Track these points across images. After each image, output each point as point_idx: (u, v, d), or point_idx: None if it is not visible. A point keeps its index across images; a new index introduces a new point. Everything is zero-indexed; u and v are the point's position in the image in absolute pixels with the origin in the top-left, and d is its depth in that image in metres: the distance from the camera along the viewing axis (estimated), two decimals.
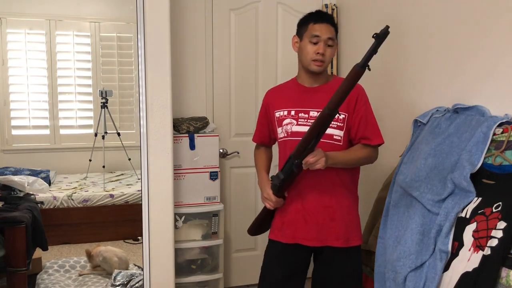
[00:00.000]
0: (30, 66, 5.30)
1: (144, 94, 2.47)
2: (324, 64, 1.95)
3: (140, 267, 3.54)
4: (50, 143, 5.42)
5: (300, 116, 1.98)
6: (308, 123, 1.96)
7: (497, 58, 1.88)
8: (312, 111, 1.96)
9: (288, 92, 2.07)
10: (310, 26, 1.96)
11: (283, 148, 2.04)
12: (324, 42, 1.93)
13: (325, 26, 1.95)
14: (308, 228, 1.98)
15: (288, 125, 2.00)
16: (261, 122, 2.17)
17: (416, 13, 2.40)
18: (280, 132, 2.04)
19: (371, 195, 2.52)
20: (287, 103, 2.03)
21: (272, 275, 2.06)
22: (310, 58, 1.94)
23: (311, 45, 1.94)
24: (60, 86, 5.41)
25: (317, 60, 1.93)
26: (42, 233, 3.29)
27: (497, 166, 1.68)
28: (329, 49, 1.95)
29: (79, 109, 5.54)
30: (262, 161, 2.20)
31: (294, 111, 2.00)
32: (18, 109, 5.33)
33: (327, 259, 2.01)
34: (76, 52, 5.45)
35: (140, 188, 3.40)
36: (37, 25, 5.27)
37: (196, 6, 3.05)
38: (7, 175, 4.59)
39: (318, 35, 1.93)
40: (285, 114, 2.02)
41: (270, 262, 2.09)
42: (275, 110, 2.06)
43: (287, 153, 1.92)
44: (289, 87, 2.09)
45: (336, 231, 1.97)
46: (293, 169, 1.85)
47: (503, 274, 1.48)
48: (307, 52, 1.95)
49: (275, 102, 2.07)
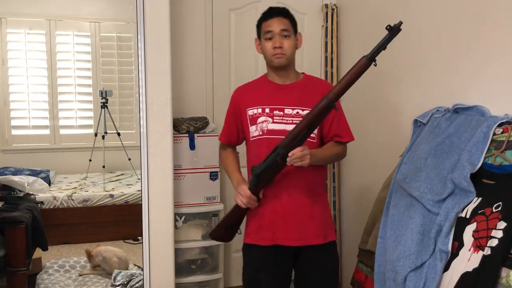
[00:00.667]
0: (30, 66, 5.30)
1: (144, 94, 2.47)
2: (285, 56, 1.94)
3: (140, 267, 3.54)
4: (50, 143, 5.41)
5: (275, 114, 1.95)
6: (283, 120, 1.94)
7: (497, 58, 1.88)
8: (287, 108, 1.95)
9: (259, 89, 2.03)
10: (263, 24, 1.97)
11: (256, 147, 1.98)
12: (279, 35, 1.93)
13: (276, 20, 1.95)
14: (288, 228, 1.94)
15: (263, 123, 1.96)
16: (230, 121, 2.08)
17: (416, 13, 2.40)
18: (254, 131, 1.98)
19: (371, 195, 2.52)
20: (260, 101, 1.99)
21: (260, 280, 2.00)
22: (270, 54, 1.94)
23: (267, 42, 1.94)
24: (60, 86, 5.41)
25: (276, 54, 1.92)
26: (42, 233, 3.29)
27: (497, 166, 1.68)
28: (286, 40, 1.94)
29: (79, 109, 5.54)
30: (234, 162, 2.11)
31: (269, 108, 1.97)
32: (18, 109, 5.33)
33: (309, 257, 1.99)
34: (76, 52, 5.45)
35: (140, 188, 3.40)
36: (37, 25, 5.27)
37: (196, 6, 3.05)
38: (7, 175, 4.59)
39: (270, 30, 1.93)
40: (259, 111, 1.98)
41: (255, 268, 2.02)
42: (247, 108, 2.00)
43: (262, 152, 1.90)
44: (260, 84, 2.06)
45: (315, 229, 1.97)
46: (277, 159, 1.79)
47: (503, 274, 1.48)
48: (266, 50, 1.96)
49: (246, 99, 2.02)
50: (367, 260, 2.33)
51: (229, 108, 2.09)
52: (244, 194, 1.90)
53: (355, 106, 3.10)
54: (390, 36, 1.67)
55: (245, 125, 2.02)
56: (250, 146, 2.03)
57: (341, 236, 3.32)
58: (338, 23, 3.24)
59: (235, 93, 2.09)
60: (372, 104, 2.86)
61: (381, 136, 2.77)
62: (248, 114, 2.00)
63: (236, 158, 2.13)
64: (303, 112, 1.93)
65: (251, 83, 2.12)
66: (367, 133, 2.92)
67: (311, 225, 1.96)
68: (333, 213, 3.28)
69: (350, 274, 2.62)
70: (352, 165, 3.16)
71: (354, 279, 2.43)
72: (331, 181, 3.28)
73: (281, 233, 1.95)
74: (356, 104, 3.08)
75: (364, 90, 2.95)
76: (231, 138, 2.09)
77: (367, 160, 2.95)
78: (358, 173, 3.08)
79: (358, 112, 3.05)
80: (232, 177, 2.05)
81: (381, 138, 2.77)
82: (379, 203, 2.32)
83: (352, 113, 3.13)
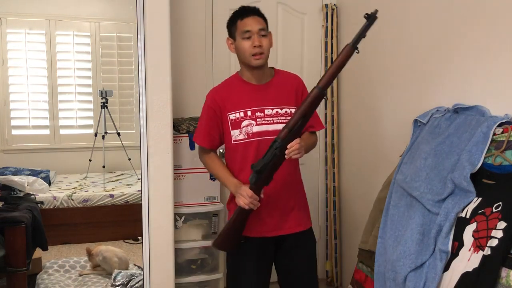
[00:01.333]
0: (30, 66, 5.30)
1: (144, 94, 2.47)
2: (264, 55, 1.95)
3: (140, 267, 3.54)
4: (50, 143, 5.41)
5: (257, 116, 1.98)
6: (265, 121, 1.98)
7: (498, 58, 1.87)
8: (266, 109, 1.98)
9: (238, 92, 2.03)
10: (239, 23, 1.97)
11: (242, 150, 2.00)
12: (257, 34, 1.93)
13: (253, 19, 1.96)
14: (273, 220, 2.02)
15: (248, 127, 1.98)
16: (210, 125, 2.04)
17: (416, 13, 2.40)
18: (237, 134, 1.99)
19: (371, 195, 2.52)
20: (241, 104, 2.00)
21: (245, 270, 2.05)
22: (250, 53, 1.94)
23: (245, 41, 1.94)
24: (60, 86, 5.41)
25: (257, 54, 1.93)
26: (42, 233, 3.29)
27: (497, 166, 1.68)
28: (264, 39, 1.95)
29: (79, 109, 5.54)
30: (224, 167, 2.08)
31: (250, 111, 1.98)
32: (18, 109, 5.33)
33: (292, 244, 2.06)
34: (76, 52, 5.45)
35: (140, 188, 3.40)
36: (37, 25, 5.27)
37: (196, 6, 3.05)
38: (7, 175, 4.59)
39: (249, 30, 1.94)
40: (241, 115, 1.99)
41: (240, 258, 2.06)
42: (228, 112, 2.00)
43: (248, 155, 1.96)
44: (236, 86, 2.05)
45: (297, 218, 2.06)
46: (276, 152, 1.80)
47: (503, 274, 1.48)
48: (244, 49, 1.95)
49: (226, 103, 2.01)
50: (367, 260, 2.33)
51: (207, 112, 2.05)
52: (246, 194, 1.87)
53: (355, 106, 3.10)
54: (368, 24, 1.73)
55: (226, 129, 2.02)
56: (233, 150, 2.03)
57: (341, 236, 3.32)
58: (338, 23, 3.24)
59: (212, 96, 2.06)
60: (372, 104, 2.86)
61: (381, 136, 2.77)
62: (230, 119, 2.00)
63: (223, 163, 2.11)
64: (282, 111, 1.99)
65: (225, 84, 2.10)
66: (367, 133, 2.92)
67: (293, 215, 2.05)
68: (333, 213, 3.28)
69: (350, 274, 2.62)
70: (352, 165, 3.16)
71: (354, 279, 2.43)
72: (331, 181, 3.29)
73: (267, 225, 2.02)
74: (356, 104, 3.08)
75: (364, 90, 2.96)
76: (214, 142, 2.07)
77: (367, 160, 2.96)
78: (358, 173, 3.08)
79: (358, 112, 3.05)
80: (227, 182, 2.02)
81: (381, 138, 2.77)
82: (379, 203, 2.32)
83: (352, 113, 3.14)
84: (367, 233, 2.37)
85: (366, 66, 2.86)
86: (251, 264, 2.05)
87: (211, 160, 2.10)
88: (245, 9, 2.01)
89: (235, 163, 2.04)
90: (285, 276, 2.13)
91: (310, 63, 3.32)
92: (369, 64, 2.83)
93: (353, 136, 3.09)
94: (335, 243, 3.29)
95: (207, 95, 2.09)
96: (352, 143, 3.15)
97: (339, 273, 3.33)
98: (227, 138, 2.03)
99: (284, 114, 2.00)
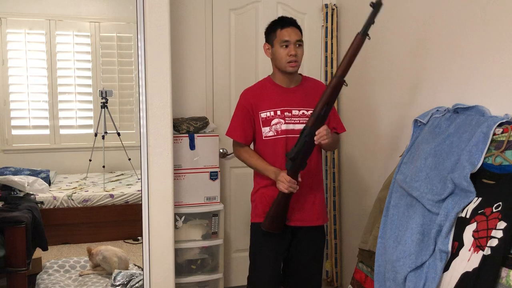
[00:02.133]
0: (30, 66, 5.29)
1: (144, 94, 2.47)
2: (297, 63, 2.18)
3: (140, 267, 3.54)
4: (50, 143, 5.41)
5: (286, 115, 2.21)
6: (292, 121, 2.21)
7: (498, 58, 1.87)
8: (294, 110, 2.22)
9: (269, 93, 2.24)
10: (278, 32, 2.17)
11: (272, 145, 2.22)
12: (294, 44, 2.15)
13: (292, 30, 2.17)
14: (294, 211, 2.23)
15: (277, 125, 2.21)
16: (244, 122, 2.26)
17: (416, 13, 2.40)
18: (267, 131, 2.22)
19: (371, 195, 2.52)
20: (272, 104, 2.22)
21: (263, 253, 2.27)
22: (286, 61, 2.16)
23: (283, 49, 2.16)
24: (60, 86, 5.40)
25: (292, 62, 2.16)
26: (42, 233, 3.29)
27: (497, 166, 1.68)
28: (299, 49, 2.18)
29: (79, 109, 5.53)
30: (261, 158, 2.26)
31: (280, 110, 2.21)
32: (18, 109, 5.32)
33: (307, 235, 2.28)
34: (76, 52, 5.44)
35: (140, 188, 3.40)
36: (37, 25, 5.27)
37: (196, 6, 3.05)
38: (7, 175, 4.59)
39: (287, 40, 2.15)
40: (272, 114, 2.21)
41: (258, 242, 2.29)
42: (260, 111, 2.23)
43: (277, 150, 2.19)
44: (267, 88, 2.27)
45: (317, 212, 2.29)
46: (306, 139, 2.01)
47: (503, 274, 1.48)
48: (281, 57, 2.17)
49: (259, 103, 2.23)
50: (367, 260, 2.33)
51: (240, 110, 2.28)
52: (284, 179, 2.07)
53: (355, 106, 3.10)
54: (374, 11, 1.88)
55: (257, 126, 2.24)
56: (264, 145, 2.25)
57: (341, 236, 3.32)
58: (338, 23, 3.24)
59: (246, 95, 2.28)
60: (372, 104, 2.86)
61: (381, 136, 2.77)
62: (261, 117, 2.23)
63: (259, 155, 2.28)
64: (308, 112, 2.21)
65: (257, 86, 2.32)
66: (367, 133, 2.92)
67: (314, 209, 2.27)
68: (333, 213, 3.28)
69: (350, 274, 2.62)
70: (352, 166, 3.16)
71: (354, 279, 2.43)
72: (331, 181, 3.29)
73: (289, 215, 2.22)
74: (356, 104, 3.08)
75: (364, 90, 2.96)
76: (248, 138, 2.28)
77: (367, 160, 2.96)
78: (358, 173, 3.08)
79: (358, 112, 3.05)
80: (267, 171, 2.20)
81: (381, 138, 2.77)
82: (379, 203, 2.32)
83: (353, 113, 3.14)
84: (367, 233, 2.37)
85: (366, 66, 2.86)
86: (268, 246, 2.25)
87: (248, 153, 2.30)
88: (286, 19, 2.22)
89: (266, 157, 2.25)
90: (292, 265, 2.32)
91: (310, 63, 3.32)
92: (369, 64, 2.83)
93: (353, 136, 3.09)
94: (335, 243, 3.29)
95: (241, 94, 2.31)
96: (352, 143, 3.15)
97: (339, 273, 3.33)
98: (258, 135, 2.25)
99: (309, 115, 2.16)
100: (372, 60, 2.81)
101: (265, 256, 2.27)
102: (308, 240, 2.29)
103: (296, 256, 2.31)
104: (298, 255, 2.30)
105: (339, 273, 3.33)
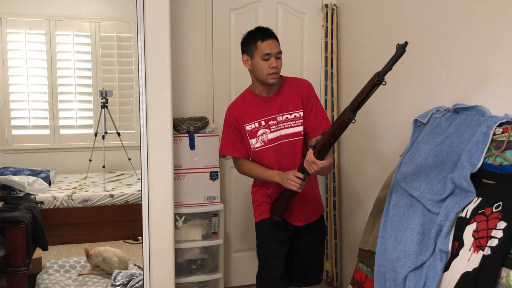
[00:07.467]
0: (30, 66, 5.29)
1: (144, 94, 2.47)
2: (278, 74, 2.17)
3: (140, 267, 3.54)
4: (50, 143, 5.41)
5: (271, 124, 2.22)
6: (278, 127, 2.21)
7: (497, 58, 1.88)
8: (278, 116, 2.21)
9: (251, 105, 2.25)
10: (259, 44, 2.14)
11: (263, 156, 2.24)
12: (275, 56, 2.14)
13: (273, 42, 2.15)
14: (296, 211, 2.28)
15: (263, 135, 2.23)
16: (232, 138, 2.28)
17: (417, 13, 2.40)
18: (255, 143, 2.24)
19: (371, 195, 2.52)
20: (255, 116, 2.23)
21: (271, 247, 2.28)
22: (267, 73, 2.14)
23: (263, 62, 2.13)
24: (60, 86, 5.40)
25: (273, 73, 2.14)
26: (42, 233, 3.29)
27: (497, 166, 1.68)
28: (279, 61, 2.17)
29: (79, 109, 5.53)
30: (260, 166, 2.27)
31: (264, 121, 2.22)
32: (18, 109, 5.33)
33: (307, 231, 2.33)
34: (76, 52, 5.44)
35: (140, 188, 3.40)
36: (37, 25, 5.27)
37: (196, 6, 3.05)
38: (7, 175, 4.59)
39: (269, 53, 2.12)
40: (256, 126, 2.23)
41: (266, 237, 2.31)
42: (245, 124, 2.24)
43: (270, 158, 2.22)
44: (249, 100, 2.27)
45: (311, 209, 2.33)
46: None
47: (503, 274, 1.48)
48: (262, 69, 2.15)
49: (243, 116, 2.25)
50: (367, 260, 2.33)
51: (227, 126, 2.29)
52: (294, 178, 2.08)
53: None
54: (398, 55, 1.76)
55: (246, 139, 2.26)
56: (255, 156, 2.27)
57: (341, 236, 3.32)
58: (338, 23, 3.24)
59: (230, 111, 2.29)
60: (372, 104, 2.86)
61: (381, 136, 2.77)
62: (247, 129, 2.24)
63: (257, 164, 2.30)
64: (291, 116, 2.21)
65: (240, 99, 2.31)
66: (367, 133, 2.92)
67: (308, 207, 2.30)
68: (333, 213, 3.28)
69: (350, 274, 2.62)
70: (352, 165, 3.16)
71: (354, 279, 2.43)
72: (331, 181, 3.29)
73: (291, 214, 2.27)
74: None
75: None
76: (240, 151, 2.30)
77: (367, 160, 2.96)
78: (358, 173, 3.08)
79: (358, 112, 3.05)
80: (271, 176, 2.21)
81: (381, 138, 2.77)
82: (379, 203, 2.32)
83: None
84: (367, 233, 2.37)
85: (366, 66, 2.86)
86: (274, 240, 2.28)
87: (247, 166, 2.32)
88: (266, 31, 2.18)
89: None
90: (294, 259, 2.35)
91: (310, 63, 3.32)
92: (369, 64, 2.83)
93: (353, 136, 3.09)
94: (335, 243, 3.29)
95: (226, 111, 2.31)
96: (352, 143, 3.15)
97: (339, 273, 3.33)
98: (247, 147, 2.27)
99: (293, 118, 2.21)
100: (372, 59, 2.81)
101: (273, 250, 2.29)
102: (309, 234, 2.35)
103: (298, 249, 2.35)
104: (299, 248, 2.35)
105: (339, 273, 3.33)
